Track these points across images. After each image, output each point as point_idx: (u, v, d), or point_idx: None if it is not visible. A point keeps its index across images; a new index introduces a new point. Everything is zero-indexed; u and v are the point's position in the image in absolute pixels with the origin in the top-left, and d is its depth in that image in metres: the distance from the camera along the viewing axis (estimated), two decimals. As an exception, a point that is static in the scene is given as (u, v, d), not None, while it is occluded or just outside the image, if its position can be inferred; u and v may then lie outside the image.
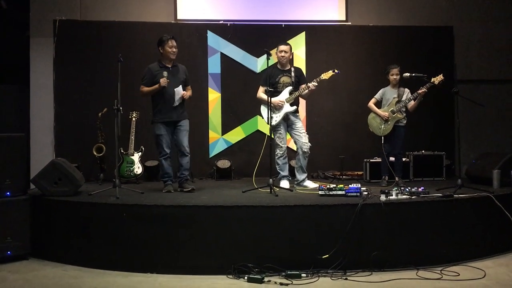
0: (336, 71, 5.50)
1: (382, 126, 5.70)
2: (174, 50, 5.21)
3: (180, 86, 5.22)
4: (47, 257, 4.58)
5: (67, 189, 4.76)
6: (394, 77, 5.71)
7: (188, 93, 5.29)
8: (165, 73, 5.11)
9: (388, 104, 5.75)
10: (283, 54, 5.58)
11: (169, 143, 5.23)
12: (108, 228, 4.32)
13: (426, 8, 7.48)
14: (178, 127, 5.24)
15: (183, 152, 5.24)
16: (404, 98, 5.68)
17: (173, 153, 5.32)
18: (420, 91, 5.49)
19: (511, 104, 7.59)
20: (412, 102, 5.65)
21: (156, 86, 5.09)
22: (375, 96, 5.88)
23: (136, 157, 6.34)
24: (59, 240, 4.54)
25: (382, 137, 5.72)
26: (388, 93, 5.80)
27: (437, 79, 5.42)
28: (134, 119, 6.45)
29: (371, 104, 5.86)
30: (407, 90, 5.74)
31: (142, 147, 6.41)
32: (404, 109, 5.71)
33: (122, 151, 6.28)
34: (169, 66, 5.25)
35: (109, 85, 5.92)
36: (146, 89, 5.20)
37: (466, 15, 7.51)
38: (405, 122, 5.74)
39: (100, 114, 6.34)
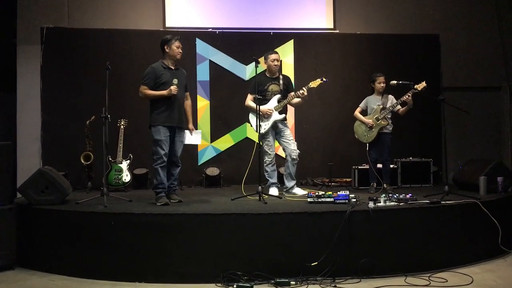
0: (324, 79, 5.54)
1: (367, 133, 5.76)
2: (181, 50, 4.97)
3: (200, 132, 5.27)
4: (34, 266, 4.53)
5: (54, 198, 4.72)
6: (382, 85, 5.79)
7: (190, 116, 5.19)
8: (175, 80, 4.84)
9: (373, 111, 5.81)
10: (275, 62, 5.60)
11: (168, 151, 4.87)
12: (96, 237, 4.28)
13: (412, 17, 7.57)
14: (176, 136, 4.98)
15: (175, 162, 5.02)
16: (388, 105, 5.75)
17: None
18: (404, 98, 5.56)
19: (496, 111, 7.71)
20: (400, 108, 5.72)
21: (164, 92, 4.79)
22: (360, 105, 5.96)
23: (124, 165, 6.30)
24: (46, 249, 4.49)
25: (367, 144, 5.78)
26: (372, 101, 5.87)
27: (420, 86, 5.49)
28: (122, 127, 6.42)
29: (357, 112, 5.94)
30: (390, 97, 5.82)
31: (130, 155, 6.38)
32: (389, 116, 5.77)
33: (110, 159, 6.24)
34: (173, 68, 4.98)
35: (97, 93, 5.89)
36: (150, 92, 4.84)
37: (452, 24, 7.62)
38: (390, 129, 5.80)
39: (88, 122, 6.31)
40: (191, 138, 5.15)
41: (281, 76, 5.70)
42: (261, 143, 5.41)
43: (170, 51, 4.94)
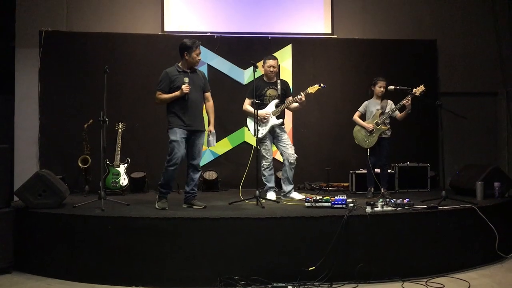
0: (322, 85, 5.55)
1: (368, 138, 5.76)
2: (200, 57, 4.90)
3: (214, 134, 5.02)
4: (31, 270, 4.51)
5: (51, 201, 4.70)
6: (382, 89, 5.79)
7: (211, 118, 5.04)
8: (186, 79, 4.76)
9: (372, 116, 5.81)
10: (271, 69, 5.60)
11: (183, 154, 4.78)
12: (93, 241, 4.27)
13: (410, 22, 7.61)
14: (195, 139, 4.90)
15: (196, 167, 4.92)
16: (387, 110, 5.76)
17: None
18: (404, 102, 5.57)
19: (493, 116, 7.74)
20: (398, 113, 5.73)
21: (177, 93, 4.73)
22: (358, 109, 5.94)
23: (122, 168, 6.30)
24: (43, 253, 4.48)
25: (368, 149, 5.78)
26: (372, 106, 5.87)
27: (418, 90, 5.51)
28: (120, 130, 6.42)
29: (356, 117, 5.92)
30: (390, 102, 5.83)
31: (128, 158, 6.38)
32: (388, 121, 5.78)
33: (107, 162, 6.24)
34: (188, 71, 4.89)
35: (95, 96, 5.90)
36: (164, 96, 4.78)
37: (449, 29, 7.66)
38: (389, 134, 5.80)
39: (86, 125, 6.31)
40: (208, 141, 5.03)
41: (279, 81, 5.71)
42: (258, 148, 5.42)
43: (189, 59, 4.85)
